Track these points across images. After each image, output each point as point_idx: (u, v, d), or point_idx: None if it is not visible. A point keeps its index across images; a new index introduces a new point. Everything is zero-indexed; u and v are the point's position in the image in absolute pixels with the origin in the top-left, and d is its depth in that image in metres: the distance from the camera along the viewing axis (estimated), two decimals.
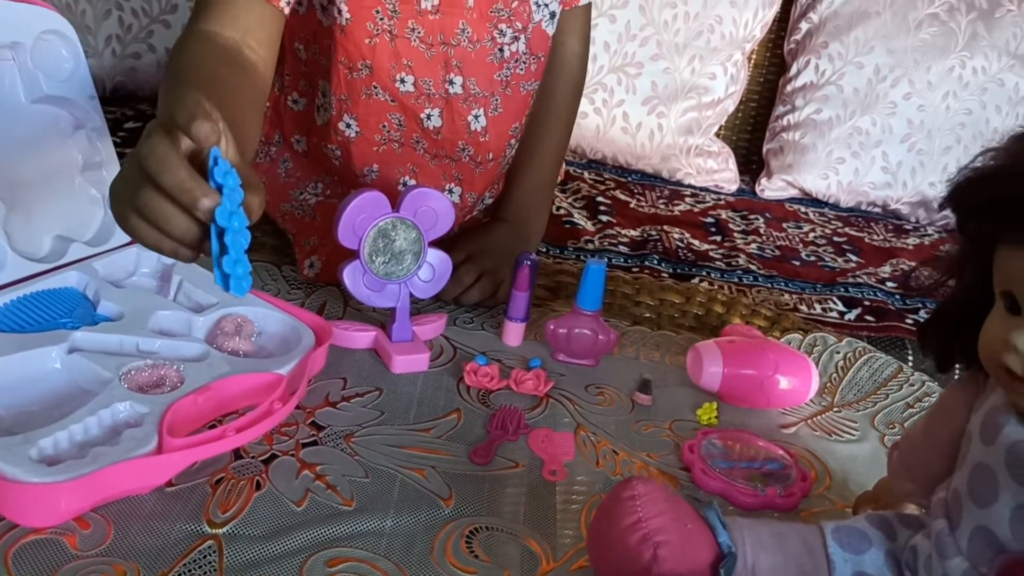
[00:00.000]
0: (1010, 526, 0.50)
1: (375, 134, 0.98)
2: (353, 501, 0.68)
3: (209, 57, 0.78)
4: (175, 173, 0.55)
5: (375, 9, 0.90)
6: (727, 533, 0.59)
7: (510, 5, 0.94)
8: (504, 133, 1.02)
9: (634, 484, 0.59)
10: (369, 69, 0.93)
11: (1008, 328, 0.50)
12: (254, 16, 0.84)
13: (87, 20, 1.59)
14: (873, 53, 1.64)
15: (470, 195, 1.04)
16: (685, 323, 1.03)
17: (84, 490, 0.60)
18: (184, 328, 0.80)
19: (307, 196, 1.05)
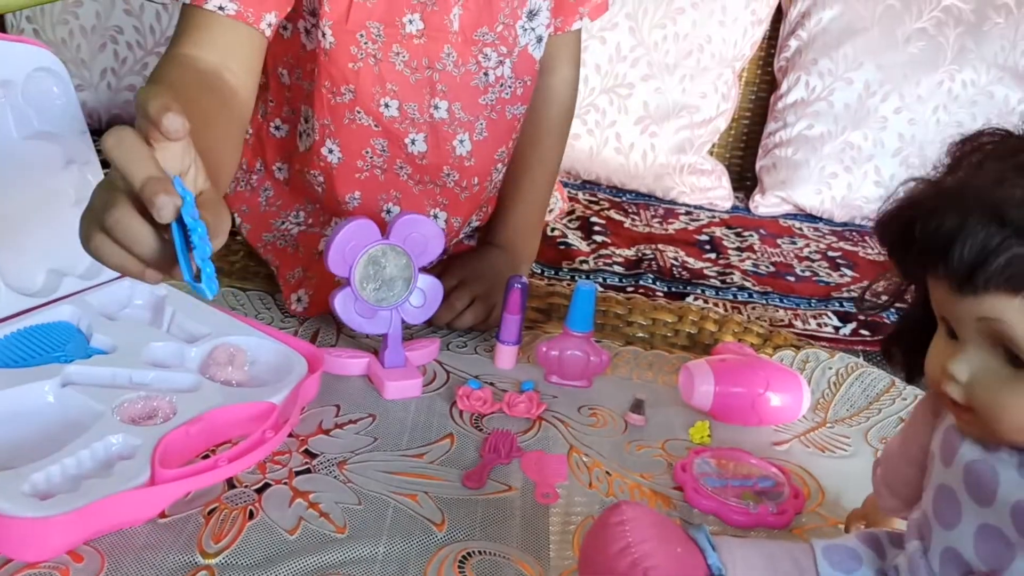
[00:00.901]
0: (974, 547, 0.51)
1: (358, 160, 0.98)
2: (346, 528, 0.68)
3: (188, 82, 0.76)
4: (145, 164, 0.51)
5: (359, 33, 0.90)
6: (717, 555, 0.59)
7: (495, 29, 0.95)
8: (490, 157, 1.03)
9: (623, 509, 0.59)
10: (353, 93, 0.94)
11: (947, 355, 0.50)
12: (235, 39, 0.82)
13: (82, 54, 1.61)
14: (863, 68, 1.65)
15: (455, 220, 1.04)
16: (678, 342, 1.03)
17: (77, 523, 0.61)
18: (177, 359, 0.81)
19: (289, 226, 1.05)
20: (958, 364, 0.49)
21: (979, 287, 0.46)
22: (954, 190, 0.48)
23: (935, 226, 0.46)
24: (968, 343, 0.49)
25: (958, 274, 0.46)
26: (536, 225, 1.13)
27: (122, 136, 0.52)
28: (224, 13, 0.80)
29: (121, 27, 1.63)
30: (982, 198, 0.45)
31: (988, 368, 0.48)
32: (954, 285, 0.47)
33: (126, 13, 1.63)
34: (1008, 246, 0.44)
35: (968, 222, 0.45)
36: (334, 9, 0.89)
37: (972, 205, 0.45)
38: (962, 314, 0.48)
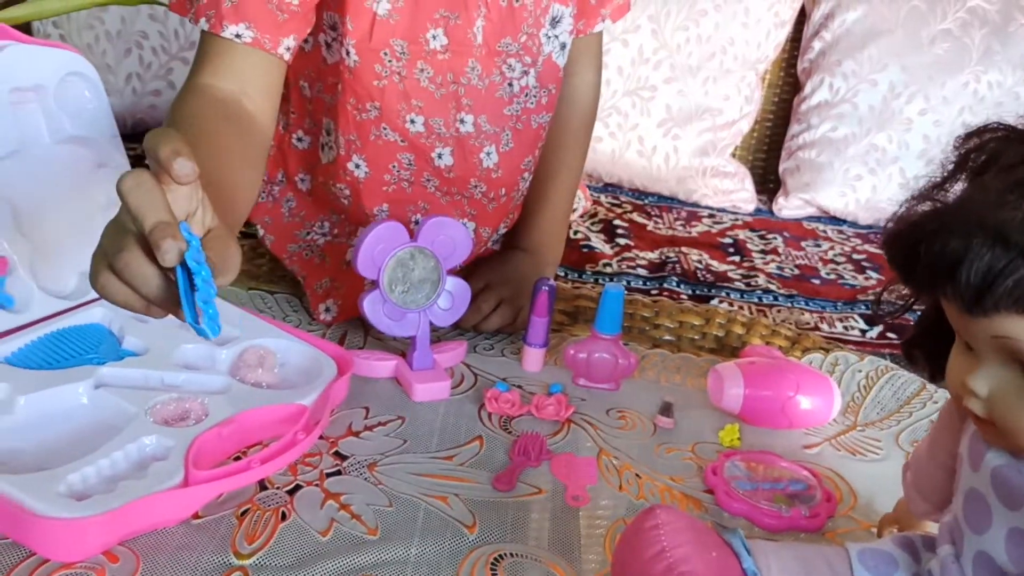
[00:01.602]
0: (1006, 550, 0.50)
1: (385, 174, 0.97)
2: (378, 530, 0.68)
3: (206, 114, 0.77)
4: (157, 208, 0.53)
5: (383, 51, 0.89)
6: (752, 559, 0.59)
7: (518, 39, 0.94)
8: (516, 168, 1.02)
9: (657, 513, 0.59)
10: (378, 110, 0.93)
11: (966, 368, 0.50)
12: (253, 66, 0.82)
13: (108, 59, 1.63)
14: (887, 70, 1.64)
15: (484, 230, 1.04)
16: (705, 345, 1.03)
17: (112, 524, 0.61)
18: (208, 361, 0.81)
19: (315, 236, 1.05)
20: (977, 380, 0.49)
21: (988, 309, 0.46)
22: (957, 211, 0.48)
23: (940, 249, 0.46)
24: (985, 358, 0.49)
25: (966, 297, 0.46)
26: (561, 229, 1.13)
27: (141, 180, 0.53)
28: (241, 41, 0.80)
29: (146, 32, 1.65)
30: (985, 220, 0.45)
31: (1007, 383, 0.48)
32: (963, 307, 0.47)
33: (151, 19, 1.65)
34: (1014, 268, 0.44)
35: (972, 245, 0.45)
36: (357, 27, 0.88)
37: (975, 228, 0.45)
38: (976, 332, 0.49)
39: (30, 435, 0.69)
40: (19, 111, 0.82)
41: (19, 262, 0.81)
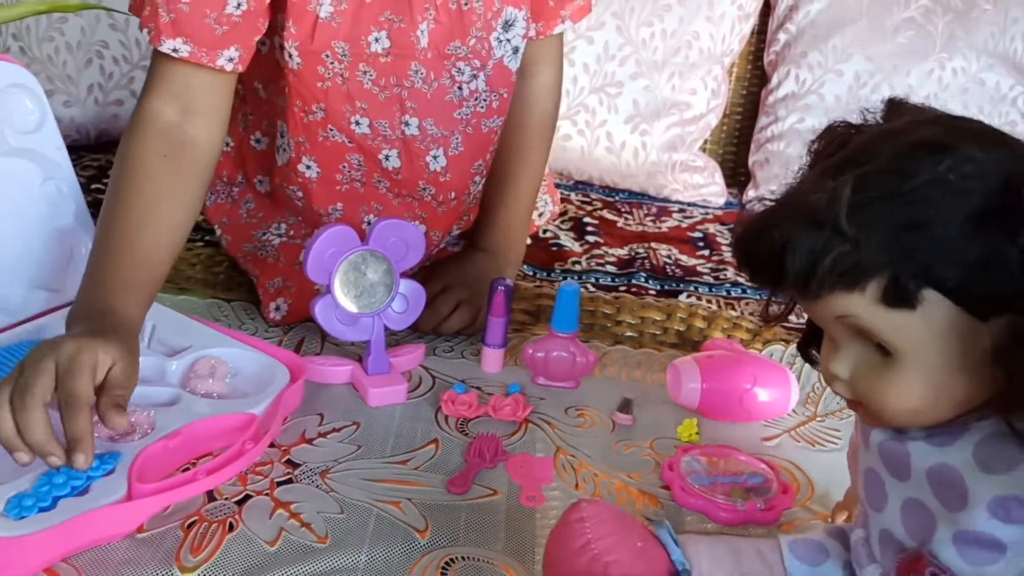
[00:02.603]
0: (902, 523, 0.52)
1: (336, 174, 0.97)
2: (327, 538, 0.67)
3: (144, 155, 0.82)
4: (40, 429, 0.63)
5: (324, 53, 0.89)
6: (680, 551, 0.59)
7: (467, 43, 0.93)
8: (466, 172, 1.01)
9: (582, 506, 0.59)
10: (323, 111, 0.93)
11: (828, 355, 0.52)
12: (197, 83, 0.83)
13: (68, 70, 1.61)
14: (852, 60, 1.64)
15: (435, 233, 1.03)
16: (667, 340, 1.02)
17: (53, 541, 0.60)
18: (158, 374, 0.80)
19: (270, 236, 1.04)
20: (836, 363, 0.51)
21: (818, 291, 0.47)
22: (777, 207, 0.50)
23: (766, 245, 0.48)
24: (840, 341, 0.51)
25: (796, 284, 0.48)
26: (522, 228, 1.12)
27: (78, 388, 0.64)
28: (178, 55, 0.81)
29: (107, 42, 1.63)
30: (798, 208, 0.47)
31: (863, 361, 0.50)
32: (798, 294, 0.49)
33: (111, 28, 1.63)
34: (831, 247, 0.46)
35: (790, 234, 0.47)
36: (300, 30, 0.87)
37: (790, 217, 0.47)
38: (821, 316, 0.50)
39: None
40: None
41: None
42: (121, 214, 0.79)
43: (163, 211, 0.81)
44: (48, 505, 0.62)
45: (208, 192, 0.88)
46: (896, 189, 0.45)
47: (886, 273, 0.45)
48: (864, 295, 0.46)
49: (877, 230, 0.45)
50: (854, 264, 0.46)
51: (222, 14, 0.81)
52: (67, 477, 0.65)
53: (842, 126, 0.52)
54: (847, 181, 0.46)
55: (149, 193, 0.80)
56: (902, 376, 0.48)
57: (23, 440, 0.62)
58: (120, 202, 0.80)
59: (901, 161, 0.46)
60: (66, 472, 0.65)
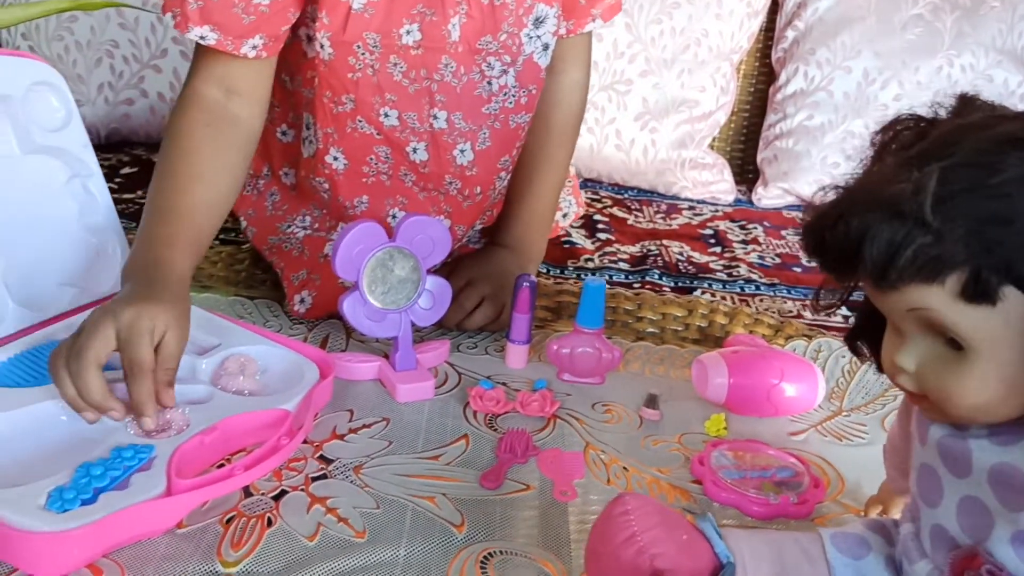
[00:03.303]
0: (957, 521, 0.52)
1: (363, 166, 0.98)
2: (365, 533, 0.67)
3: (190, 128, 0.86)
4: (96, 389, 0.69)
5: (356, 44, 0.90)
6: (724, 543, 0.59)
7: (498, 38, 0.94)
8: (492, 167, 1.02)
9: (626, 499, 0.59)
10: (353, 103, 0.93)
11: (895, 348, 0.52)
12: (237, 67, 0.87)
13: (79, 69, 1.61)
14: (860, 57, 1.65)
15: (459, 228, 1.04)
16: (689, 336, 1.03)
17: (95, 537, 0.61)
18: (189, 372, 0.80)
19: (295, 229, 1.05)
20: (903, 355, 0.51)
21: (895, 282, 0.47)
22: (855, 194, 0.50)
23: (843, 232, 0.48)
24: (909, 334, 0.50)
25: (873, 274, 0.48)
26: (544, 226, 1.12)
27: (142, 354, 0.70)
28: (205, 43, 0.84)
29: (116, 41, 1.63)
30: (879, 197, 0.47)
31: (932, 355, 0.50)
32: (873, 284, 0.49)
33: (121, 27, 1.63)
34: (912, 238, 0.46)
35: (870, 222, 0.46)
36: (332, 21, 0.88)
37: (872, 206, 0.47)
38: (893, 308, 0.50)
39: (8, 451, 0.69)
40: None
41: None
42: (170, 180, 0.84)
43: (208, 178, 0.85)
44: (90, 498, 0.62)
45: (247, 171, 0.91)
46: (982, 183, 0.45)
47: (967, 267, 0.45)
48: (943, 289, 0.46)
49: (961, 223, 0.45)
50: (935, 257, 0.45)
51: (250, 3, 0.82)
52: (105, 468, 0.65)
53: (911, 119, 0.52)
54: (932, 172, 0.45)
55: (195, 161, 0.85)
56: (974, 372, 0.48)
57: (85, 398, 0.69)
58: (168, 170, 0.85)
59: (987, 155, 0.46)
60: (103, 463, 0.66)
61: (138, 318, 0.70)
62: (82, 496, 0.62)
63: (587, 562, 0.61)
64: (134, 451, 0.67)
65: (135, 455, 0.67)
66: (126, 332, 0.69)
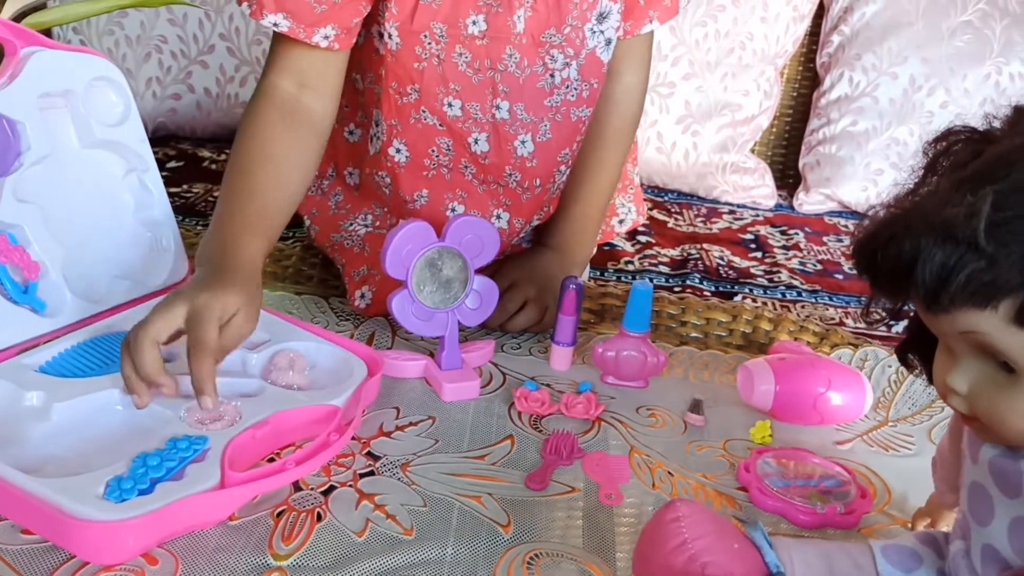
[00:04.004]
0: (1009, 541, 0.51)
1: (424, 159, 0.99)
2: (413, 530, 0.68)
3: (264, 122, 0.88)
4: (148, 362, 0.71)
5: (423, 34, 0.92)
6: (774, 553, 0.59)
7: (562, 31, 0.95)
8: (552, 159, 1.02)
9: (677, 506, 0.59)
10: (417, 93, 0.95)
11: (946, 367, 0.51)
12: (310, 59, 0.89)
13: (128, 64, 1.63)
14: (907, 63, 1.63)
15: (517, 221, 1.05)
16: (732, 342, 1.02)
17: (151, 526, 0.61)
18: (239, 366, 0.81)
19: (357, 227, 1.07)
20: (955, 377, 0.50)
21: (947, 305, 0.47)
22: (908, 215, 0.49)
23: (894, 253, 0.48)
24: (961, 355, 0.50)
25: (925, 297, 0.47)
26: (592, 230, 1.11)
27: (207, 345, 0.72)
28: (278, 30, 0.86)
29: (165, 36, 1.65)
30: (932, 220, 0.46)
31: (984, 377, 0.49)
32: (925, 307, 0.48)
33: (170, 23, 1.65)
34: (965, 263, 0.45)
35: (923, 245, 0.46)
36: (401, 11, 0.90)
37: (925, 228, 0.47)
38: (945, 330, 0.50)
39: (67, 441, 0.70)
40: (49, 116, 0.83)
41: (51, 267, 0.82)
42: (243, 171, 0.87)
43: (280, 170, 0.88)
44: (147, 488, 0.63)
45: (317, 164, 0.94)
46: None
47: (1021, 292, 0.45)
48: (996, 313, 0.46)
49: (1015, 248, 0.44)
50: (988, 282, 0.45)
51: None
52: (161, 459, 0.66)
53: (965, 132, 0.52)
54: (986, 196, 0.45)
55: (268, 153, 0.88)
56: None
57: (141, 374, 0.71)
58: (242, 160, 0.87)
59: None
60: (159, 453, 0.67)
61: (211, 300, 0.72)
62: (139, 486, 0.63)
63: (635, 566, 0.61)
64: (189, 442, 0.69)
65: (190, 446, 0.68)
66: (196, 313, 0.72)
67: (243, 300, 0.75)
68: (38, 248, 0.81)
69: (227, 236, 0.82)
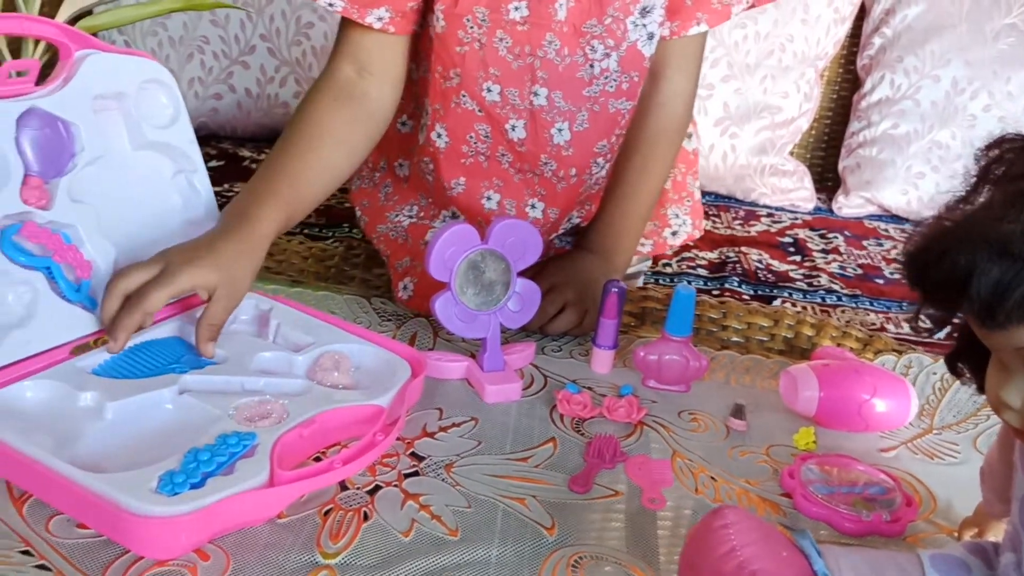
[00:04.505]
0: None
1: (463, 145, 1.01)
2: (458, 531, 0.69)
3: (318, 102, 0.93)
4: (108, 309, 0.78)
5: (466, 17, 0.93)
6: (823, 561, 0.58)
7: (603, 21, 0.96)
8: (589, 150, 1.03)
9: (725, 512, 0.59)
10: (459, 77, 0.97)
11: (1000, 381, 0.51)
12: (370, 44, 0.93)
13: (171, 64, 1.66)
14: (950, 66, 1.62)
15: (552, 211, 1.05)
16: (774, 347, 1.02)
17: (203, 522, 0.63)
18: (285, 367, 0.82)
19: (402, 218, 1.09)
20: (1009, 392, 0.50)
21: (1003, 322, 0.46)
22: (962, 228, 0.49)
23: (949, 267, 0.47)
24: (1015, 370, 0.50)
25: (979, 313, 0.47)
26: (633, 234, 1.10)
27: (143, 302, 0.77)
28: (333, 10, 0.90)
29: (207, 37, 1.67)
30: (988, 235, 0.46)
31: None
32: (979, 322, 0.48)
33: (212, 24, 1.68)
34: (1021, 280, 0.45)
35: (978, 261, 0.46)
36: None
37: (980, 243, 0.46)
38: (999, 345, 0.49)
39: (120, 439, 0.71)
40: (102, 118, 0.84)
41: (102, 266, 0.83)
42: (288, 144, 0.91)
43: (324, 150, 0.92)
44: (198, 482, 0.64)
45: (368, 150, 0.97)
46: None
47: None
48: None
49: None
50: None
51: None
52: (211, 454, 0.67)
53: (1019, 140, 0.51)
54: None
55: (315, 131, 0.92)
56: None
57: None
58: (289, 136, 0.92)
59: None
60: (209, 449, 0.68)
61: (188, 277, 0.78)
62: (191, 480, 0.64)
63: (682, 572, 0.62)
64: (238, 438, 0.70)
65: (239, 441, 0.69)
66: (168, 276, 0.77)
67: (226, 281, 0.80)
68: (90, 247, 0.82)
69: (248, 207, 0.86)
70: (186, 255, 0.79)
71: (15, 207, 0.77)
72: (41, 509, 0.66)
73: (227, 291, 0.81)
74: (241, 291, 0.83)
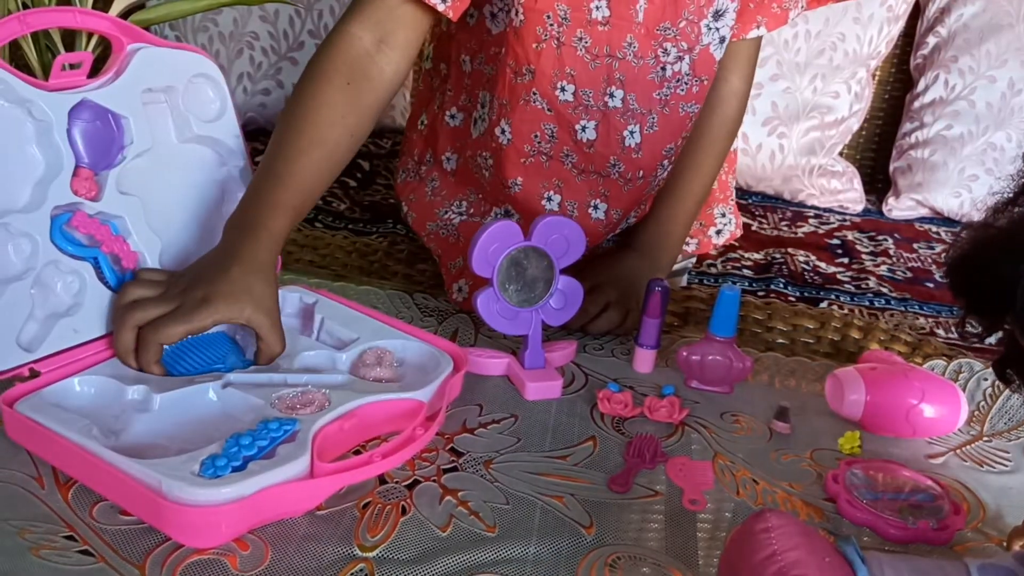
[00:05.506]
0: None
1: (525, 144, 1.00)
2: (496, 527, 0.68)
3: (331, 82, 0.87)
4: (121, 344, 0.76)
5: (547, 14, 0.92)
6: (866, 569, 0.57)
7: (677, 24, 0.95)
8: (657, 152, 1.02)
9: (767, 516, 0.58)
10: (532, 74, 0.96)
11: None
12: (400, 16, 0.88)
13: (221, 59, 1.68)
14: (1006, 66, 1.58)
15: (615, 212, 1.04)
16: (820, 349, 1.00)
17: (244, 511, 0.63)
18: (329, 364, 0.82)
19: (451, 215, 1.07)
20: None
21: None
22: (1005, 238, 0.48)
23: (992, 280, 0.47)
24: None
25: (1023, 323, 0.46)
26: (679, 233, 1.10)
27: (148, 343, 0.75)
28: None
29: (257, 33, 1.69)
30: None
31: None
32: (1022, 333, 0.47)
33: (262, 19, 1.69)
34: None
35: (1022, 271, 0.45)
36: None
37: (1021, 253, 0.46)
38: None
39: (166, 428, 0.72)
40: (150, 111, 0.85)
41: (148, 258, 0.84)
42: (293, 134, 0.87)
43: (333, 138, 0.87)
44: (240, 465, 0.65)
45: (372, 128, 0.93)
46: None
47: None
48: None
49: None
50: None
51: None
52: (253, 439, 0.68)
53: None
54: None
55: (324, 119, 0.87)
56: None
57: None
58: (296, 121, 0.87)
59: None
60: (251, 434, 0.68)
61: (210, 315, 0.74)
62: (233, 463, 0.65)
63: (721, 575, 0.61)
64: (279, 424, 0.70)
65: (280, 427, 0.70)
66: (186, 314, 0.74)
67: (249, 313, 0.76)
68: (137, 239, 0.83)
69: (257, 209, 0.82)
70: (202, 290, 0.75)
71: (66, 198, 0.78)
72: (86, 495, 0.67)
73: (259, 320, 0.77)
74: (272, 308, 0.78)
